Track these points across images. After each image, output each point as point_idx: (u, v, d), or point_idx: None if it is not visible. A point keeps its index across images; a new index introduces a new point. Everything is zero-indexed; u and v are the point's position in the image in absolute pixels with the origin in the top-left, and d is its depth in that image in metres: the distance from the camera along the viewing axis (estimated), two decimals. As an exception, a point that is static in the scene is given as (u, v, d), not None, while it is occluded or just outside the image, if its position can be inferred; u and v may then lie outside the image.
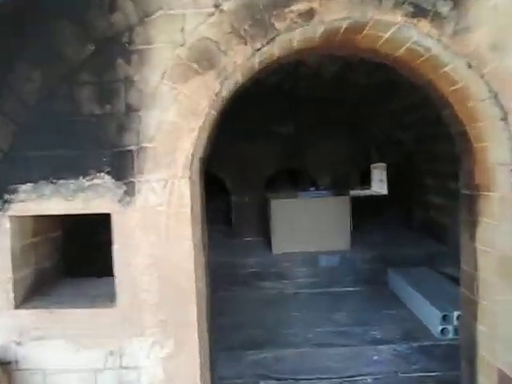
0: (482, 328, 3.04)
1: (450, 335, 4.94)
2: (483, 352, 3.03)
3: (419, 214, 8.08)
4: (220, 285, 6.71)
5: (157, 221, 2.58)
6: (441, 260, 6.85)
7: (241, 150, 8.03)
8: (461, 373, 3.37)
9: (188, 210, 2.57)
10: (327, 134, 8.05)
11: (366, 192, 10.91)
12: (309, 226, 7.05)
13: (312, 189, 8.74)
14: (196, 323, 2.64)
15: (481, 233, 3.00)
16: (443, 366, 4.81)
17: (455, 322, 4.94)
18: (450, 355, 4.81)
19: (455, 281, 6.15)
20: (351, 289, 6.73)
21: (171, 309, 2.61)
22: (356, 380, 4.77)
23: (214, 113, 2.72)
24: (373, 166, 10.76)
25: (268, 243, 7.38)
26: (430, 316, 5.17)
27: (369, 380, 4.77)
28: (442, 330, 4.96)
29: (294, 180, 9.16)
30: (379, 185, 11.24)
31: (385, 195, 9.52)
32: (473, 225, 3.08)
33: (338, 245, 7.05)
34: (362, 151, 8.37)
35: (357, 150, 8.33)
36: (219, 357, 4.84)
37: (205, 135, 2.71)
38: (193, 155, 2.60)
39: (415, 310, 5.65)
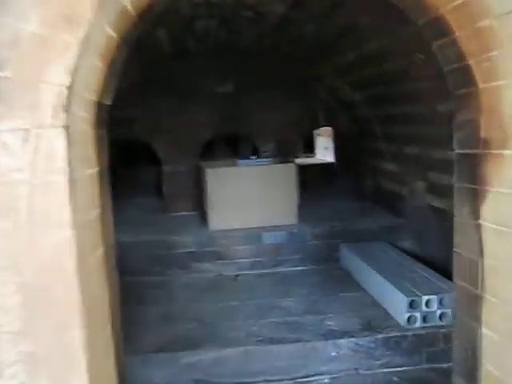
0: (487, 333, 2.25)
1: (418, 324, 4.21)
2: (490, 365, 2.26)
3: (372, 183, 7.35)
4: (151, 268, 5.80)
5: (13, 197, 1.60)
6: (398, 234, 6.17)
7: (174, 113, 7.02)
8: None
9: (63, 177, 1.59)
10: (271, 94, 7.14)
11: (312, 160, 10.12)
12: (250, 198, 6.17)
13: (253, 157, 7.91)
14: (83, 351, 1.70)
15: (490, 206, 2.20)
16: (411, 360, 4.11)
17: (424, 308, 4.22)
18: (418, 347, 4.12)
19: (416, 257, 5.50)
20: (300, 268, 5.94)
21: (42, 335, 1.65)
22: (311, 381, 4.01)
23: (108, 29, 1.75)
24: (317, 131, 9.95)
25: (205, 218, 6.46)
26: (394, 301, 4.43)
27: (326, 380, 4.02)
28: (409, 318, 4.22)
29: (234, 147, 8.23)
30: (325, 152, 10.48)
31: (333, 163, 8.74)
32: (476, 195, 2.27)
33: (283, 219, 6.21)
34: (309, 114, 7.52)
35: (304, 112, 7.47)
36: (147, 360, 3.97)
37: (92, 61, 1.74)
38: (70, 89, 1.62)
39: (374, 292, 4.91)
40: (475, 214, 2.29)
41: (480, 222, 2.26)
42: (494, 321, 2.20)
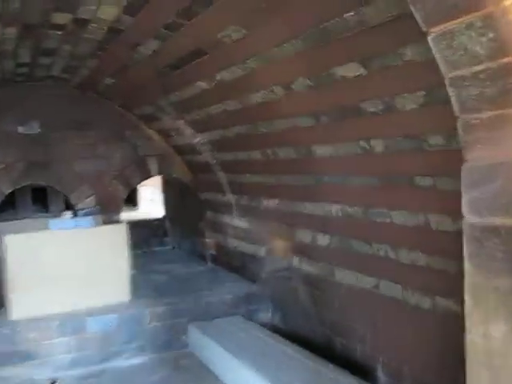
0: None
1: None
2: None
3: (215, 242, 6.25)
4: None
5: None
6: (256, 304, 5.15)
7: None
8: None
9: None
10: (90, 137, 5.84)
11: (136, 214, 8.76)
12: (67, 273, 4.66)
13: (66, 214, 6.41)
14: None
15: None
16: None
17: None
18: None
19: (281, 333, 4.51)
20: (140, 361, 4.55)
21: None
22: None
23: None
24: (141, 183, 8.68)
25: (3, 303, 4.70)
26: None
27: None
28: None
29: (42, 202, 6.62)
30: (151, 204, 9.22)
31: (163, 218, 7.54)
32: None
33: (113, 297, 4.78)
34: (137, 161, 6.27)
35: (131, 159, 6.21)
36: None
37: None
38: None
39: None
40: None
41: None
42: None
